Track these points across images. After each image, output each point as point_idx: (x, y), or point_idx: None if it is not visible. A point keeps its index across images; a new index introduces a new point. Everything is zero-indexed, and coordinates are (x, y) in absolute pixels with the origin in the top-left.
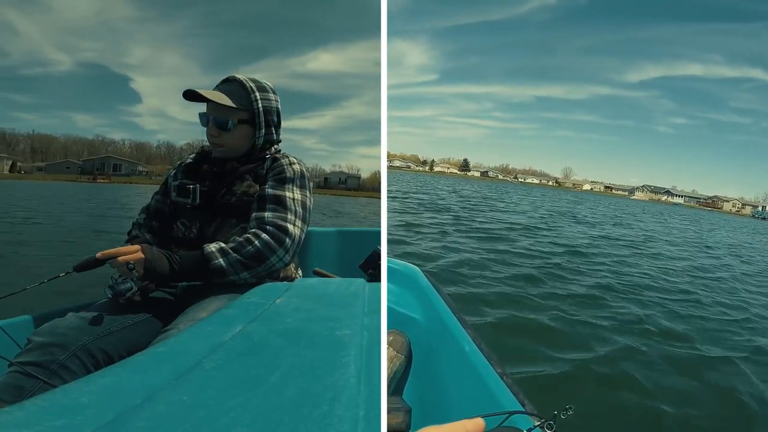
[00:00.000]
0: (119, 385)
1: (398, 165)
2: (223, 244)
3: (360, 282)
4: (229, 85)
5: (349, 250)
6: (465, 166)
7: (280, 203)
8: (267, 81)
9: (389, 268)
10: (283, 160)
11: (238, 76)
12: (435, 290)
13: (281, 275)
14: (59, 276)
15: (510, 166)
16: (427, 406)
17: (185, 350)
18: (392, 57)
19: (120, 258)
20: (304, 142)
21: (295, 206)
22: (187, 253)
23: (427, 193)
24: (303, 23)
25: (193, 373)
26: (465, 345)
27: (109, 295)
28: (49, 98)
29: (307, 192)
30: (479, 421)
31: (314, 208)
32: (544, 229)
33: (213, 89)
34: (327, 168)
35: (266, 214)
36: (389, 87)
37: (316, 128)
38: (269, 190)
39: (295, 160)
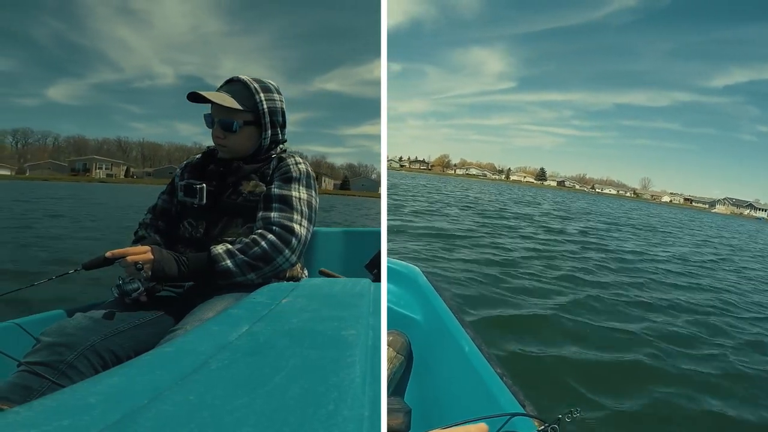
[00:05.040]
0: (126, 385)
1: (474, 173)
2: (230, 246)
3: (365, 282)
4: (233, 86)
5: (354, 250)
6: (541, 175)
7: (286, 203)
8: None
9: (390, 269)
10: (289, 160)
11: (242, 77)
12: (435, 291)
13: (287, 275)
14: (68, 273)
15: (587, 176)
16: (426, 406)
17: (192, 350)
18: (471, 65)
19: (129, 258)
20: (375, 147)
21: (301, 206)
22: (194, 255)
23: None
24: (368, 32)
25: (200, 373)
26: (465, 345)
27: (116, 295)
28: (156, 108)
29: (313, 192)
30: (482, 426)
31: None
32: None
33: (217, 90)
34: None
35: (272, 214)
36: (468, 95)
37: None
38: (275, 189)
39: (300, 160)
